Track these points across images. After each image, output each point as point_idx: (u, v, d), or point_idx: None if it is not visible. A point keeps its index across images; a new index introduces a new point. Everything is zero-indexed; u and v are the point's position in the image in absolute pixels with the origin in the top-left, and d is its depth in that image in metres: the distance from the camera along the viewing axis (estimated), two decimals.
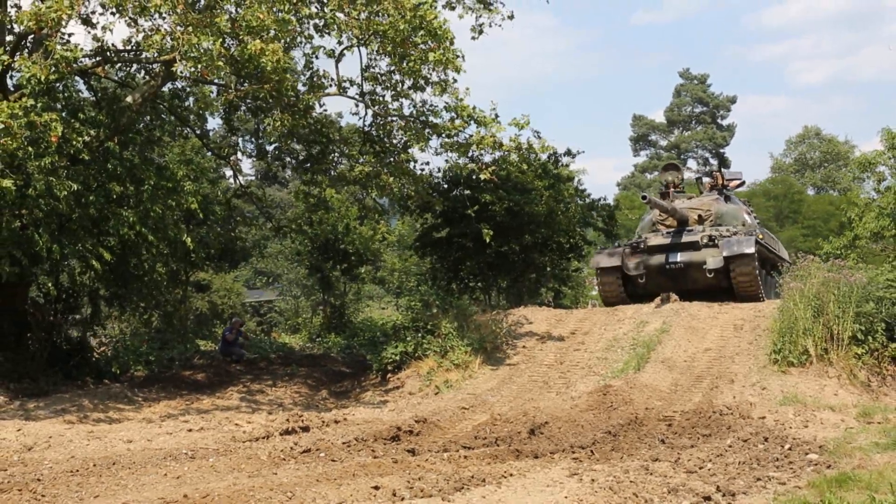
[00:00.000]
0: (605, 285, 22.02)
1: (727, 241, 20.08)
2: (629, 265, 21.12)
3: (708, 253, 20.34)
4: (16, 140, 13.67)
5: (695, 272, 20.49)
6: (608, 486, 8.94)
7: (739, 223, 21.82)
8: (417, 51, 16.47)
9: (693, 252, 20.57)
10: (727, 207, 22.15)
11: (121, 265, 18.31)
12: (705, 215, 21.65)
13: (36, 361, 17.62)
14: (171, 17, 14.48)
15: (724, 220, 21.73)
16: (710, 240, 20.41)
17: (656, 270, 20.94)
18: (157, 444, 12.61)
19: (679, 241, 20.83)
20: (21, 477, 10.32)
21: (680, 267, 20.60)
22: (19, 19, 14.96)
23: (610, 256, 21.48)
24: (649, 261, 21.00)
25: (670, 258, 20.69)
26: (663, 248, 20.99)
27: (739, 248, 19.77)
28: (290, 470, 10.65)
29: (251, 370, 21.29)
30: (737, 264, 19.91)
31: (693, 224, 21.47)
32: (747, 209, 23.11)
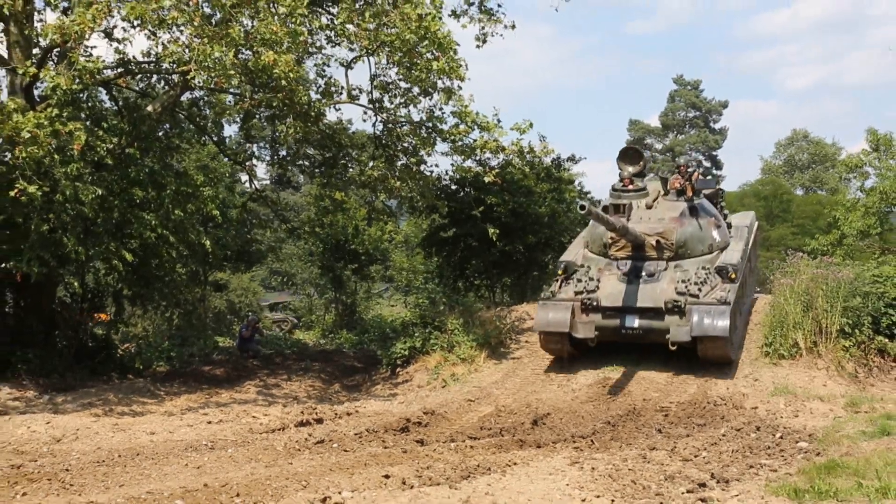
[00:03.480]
0: (548, 344, 17.22)
1: (696, 311, 15.55)
2: (578, 327, 16.48)
3: (672, 321, 15.86)
4: (42, 148, 13.70)
5: (655, 337, 16.08)
6: (608, 474, 8.96)
7: (706, 245, 17.18)
8: (423, 60, 16.50)
9: (654, 319, 16.07)
10: (692, 229, 17.12)
11: (143, 266, 18.33)
12: (665, 243, 16.87)
13: (63, 358, 17.64)
14: (189, 29, 14.50)
15: (688, 246, 16.99)
16: (675, 304, 15.86)
17: (610, 333, 16.43)
18: (178, 435, 12.64)
19: (637, 306, 16.21)
20: (50, 467, 10.35)
21: (638, 333, 16.25)
22: (45, 33, 15.00)
23: (556, 313, 16.61)
24: (602, 323, 16.42)
25: (626, 322, 16.23)
26: (619, 310, 16.36)
27: (712, 325, 15.38)
28: (305, 460, 10.68)
29: (267, 365, 21.34)
30: (706, 343, 15.61)
31: (649, 250, 16.85)
32: (716, 218, 18.12)
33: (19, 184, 14.04)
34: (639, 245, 16.91)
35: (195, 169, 22.18)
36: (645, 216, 17.46)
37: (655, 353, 16.64)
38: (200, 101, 21.37)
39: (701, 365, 15.94)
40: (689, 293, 15.94)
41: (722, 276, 16.37)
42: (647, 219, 17.36)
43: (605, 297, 16.45)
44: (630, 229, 16.52)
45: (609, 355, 17.04)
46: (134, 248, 17.07)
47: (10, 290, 18.00)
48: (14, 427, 12.85)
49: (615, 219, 16.17)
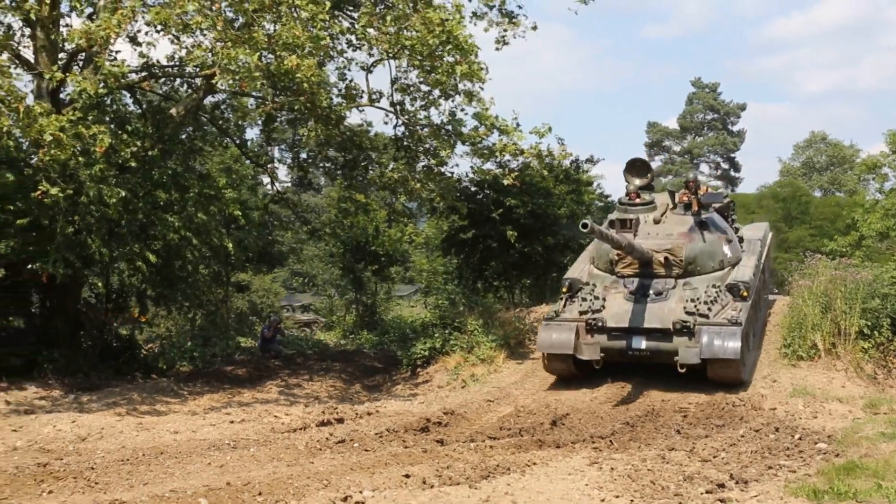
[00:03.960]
0: (552, 366, 16.27)
1: (706, 332, 14.57)
2: (583, 348, 15.52)
3: (681, 342, 14.87)
4: (66, 151, 13.80)
5: (663, 358, 15.11)
6: (627, 474, 8.95)
7: (717, 261, 16.21)
8: (444, 63, 16.51)
9: (662, 338, 15.10)
10: (701, 245, 16.10)
11: (166, 267, 18.42)
12: (674, 260, 15.85)
13: (89, 358, 17.73)
14: (212, 33, 14.57)
15: (697, 262, 15.99)
16: (683, 325, 14.86)
17: (616, 354, 15.55)
18: (201, 434, 12.68)
19: (644, 326, 15.25)
20: (76, 465, 10.42)
21: (645, 354, 15.31)
22: (71, 37, 15.09)
23: (560, 334, 15.64)
24: (607, 344, 15.48)
25: (633, 343, 15.28)
26: (625, 330, 15.39)
27: (723, 347, 14.40)
28: (326, 459, 10.71)
29: (289, 365, 21.40)
30: (716, 365, 14.67)
31: (657, 267, 15.83)
32: (727, 233, 17.06)
33: (42, 185, 14.15)
34: (646, 262, 15.87)
35: (218, 171, 22.27)
36: (653, 231, 16.45)
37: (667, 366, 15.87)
38: (223, 104, 21.46)
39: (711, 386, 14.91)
40: (698, 313, 14.98)
41: (733, 295, 15.50)
42: (655, 234, 16.36)
43: (610, 318, 15.49)
44: (637, 246, 15.46)
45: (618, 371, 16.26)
46: (157, 249, 17.16)
47: (36, 290, 18.11)
48: (40, 426, 12.94)
49: (620, 236, 15.34)
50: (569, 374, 16.12)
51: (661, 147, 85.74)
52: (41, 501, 8.77)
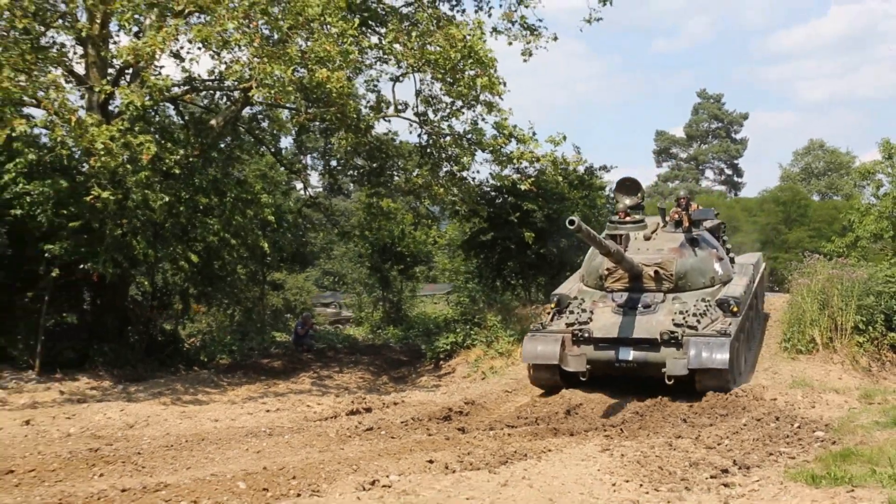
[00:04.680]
0: (539, 377, 15.02)
1: (694, 343, 13.41)
2: (568, 360, 14.31)
3: (669, 353, 13.68)
4: (114, 159, 13.90)
5: (651, 370, 13.89)
6: (636, 460, 8.93)
7: (708, 278, 15.11)
8: (466, 76, 16.52)
9: (650, 351, 13.95)
10: (692, 261, 15.07)
11: (207, 267, 18.50)
12: (664, 274, 14.78)
13: (136, 351, 17.84)
14: (249, 49, 14.63)
15: (688, 278, 14.93)
16: (671, 336, 13.71)
17: (603, 366, 14.32)
18: (239, 422, 12.75)
19: (632, 337, 14.11)
20: (124, 451, 10.49)
21: (632, 366, 14.11)
22: (119, 54, 15.21)
23: (545, 346, 14.45)
24: (594, 355, 14.28)
25: (620, 355, 14.09)
26: (612, 341, 14.22)
27: (711, 357, 13.23)
28: (355, 446, 10.73)
29: (320, 358, 21.44)
30: (705, 376, 13.44)
31: (647, 281, 14.78)
32: (718, 250, 16.04)
33: (94, 190, 14.26)
34: (636, 276, 14.81)
35: (254, 177, 22.35)
36: (643, 247, 15.40)
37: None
38: (259, 115, 21.54)
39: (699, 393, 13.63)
40: (686, 325, 13.86)
41: (723, 310, 14.37)
42: (646, 249, 15.31)
43: (597, 329, 14.32)
44: (626, 257, 14.45)
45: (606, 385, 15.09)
46: (198, 250, 17.24)
47: (87, 289, 18.22)
48: (92, 414, 13.04)
49: (610, 242, 14.07)
50: (555, 387, 14.81)
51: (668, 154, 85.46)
52: (93, 483, 8.83)
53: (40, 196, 14.97)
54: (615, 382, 14.54)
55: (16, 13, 14.00)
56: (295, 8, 14.05)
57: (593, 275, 15.60)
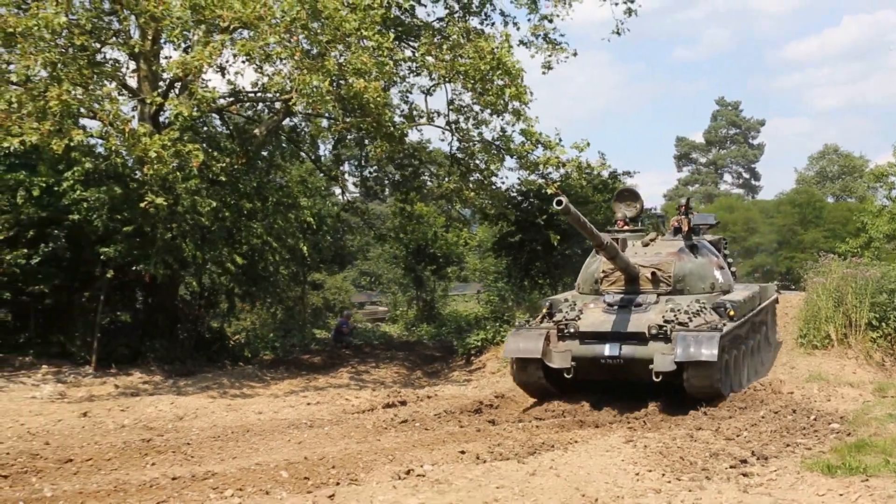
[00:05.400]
0: (521, 375, 13.53)
1: (682, 337, 12.04)
2: (553, 356, 12.98)
3: (656, 348, 12.34)
4: (165, 166, 14.02)
5: (638, 369, 12.47)
6: (658, 451, 8.88)
7: (708, 284, 13.88)
8: (494, 87, 16.50)
9: (637, 345, 12.60)
10: (692, 264, 13.91)
11: (251, 268, 18.61)
12: (662, 276, 13.59)
13: (185, 347, 17.96)
14: (290, 62, 14.69)
15: (687, 281, 13.68)
16: (660, 330, 12.42)
17: (588, 363, 12.83)
18: (282, 415, 12.80)
19: (619, 331, 12.79)
20: (174, 441, 10.58)
21: (619, 362, 12.65)
22: (169, 68, 15.35)
23: (527, 341, 13.12)
24: (579, 351, 12.89)
25: (606, 351, 12.70)
26: (598, 336, 12.86)
27: (697, 350, 11.85)
28: (391, 437, 10.76)
29: (358, 354, 21.49)
30: (692, 371, 12.01)
31: (644, 284, 13.57)
32: (719, 259, 14.93)
33: (148, 196, 14.39)
34: (633, 278, 13.62)
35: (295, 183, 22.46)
36: (641, 251, 14.32)
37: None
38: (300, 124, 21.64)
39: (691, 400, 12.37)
40: (677, 321, 12.51)
41: (719, 314, 13.07)
42: (644, 253, 14.23)
43: (584, 324, 13.06)
44: (621, 254, 13.18)
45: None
46: (243, 252, 17.35)
47: (140, 289, 18.42)
48: (144, 406, 13.15)
49: (603, 234, 12.94)
50: (539, 387, 13.46)
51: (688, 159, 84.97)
52: (145, 472, 8.92)
53: (96, 202, 15.15)
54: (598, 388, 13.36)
55: (74, 31, 14.17)
56: (333, 23, 14.09)
57: (589, 281, 14.48)
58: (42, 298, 16.67)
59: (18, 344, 16.40)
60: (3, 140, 13.35)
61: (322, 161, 23.35)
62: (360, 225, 28.36)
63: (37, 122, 13.55)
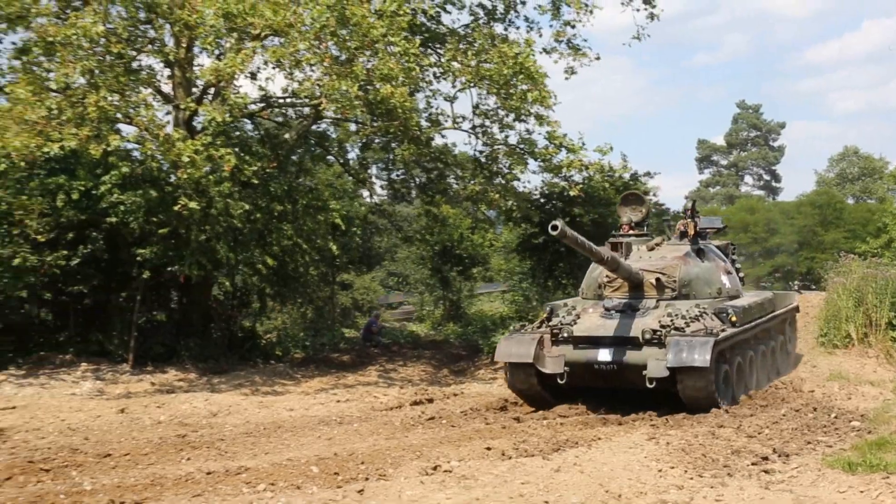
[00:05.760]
0: (515, 380, 12.94)
1: (675, 342, 11.46)
2: (546, 361, 12.38)
3: (651, 354, 11.72)
4: (199, 170, 14.12)
5: (632, 375, 11.88)
6: (681, 448, 8.84)
7: (714, 289, 13.28)
8: (518, 91, 16.47)
9: (631, 351, 11.97)
10: (698, 269, 13.24)
11: (282, 269, 18.66)
12: (667, 281, 12.87)
13: (218, 346, 18.05)
14: (320, 68, 14.75)
15: (693, 286, 12.99)
16: (654, 335, 11.77)
17: (582, 368, 12.24)
18: (312, 412, 12.86)
19: (613, 336, 12.16)
20: (209, 437, 10.67)
21: (612, 368, 12.06)
22: (202, 75, 15.47)
23: (519, 345, 12.59)
24: (573, 356, 12.30)
25: (600, 356, 12.08)
26: (592, 340, 12.26)
27: (690, 356, 11.21)
28: (419, 433, 10.79)
29: (386, 353, 21.52)
30: (686, 377, 11.40)
31: (648, 290, 12.88)
32: (726, 264, 14.28)
33: (182, 200, 14.50)
34: (636, 284, 12.93)
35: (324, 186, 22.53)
36: (645, 255, 13.59)
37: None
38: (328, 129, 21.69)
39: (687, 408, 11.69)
40: (673, 326, 11.91)
41: (721, 320, 12.37)
42: (648, 257, 13.53)
43: (578, 329, 12.47)
44: (623, 264, 12.53)
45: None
46: (274, 253, 17.39)
47: (175, 289, 18.54)
48: (179, 403, 13.27)
49: (603, 248, 12.35)
50: (532, 393, 12.85)
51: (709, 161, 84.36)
52: (181, 466, 8.99)
53: (133, 205, 15.27)
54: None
55: (111, 39, 14.32)
56: (361, 30, 14.14)
57: (592, 286, 13.82)
58: (81, 298, 16.83)
59: (59, 342, 16.58)
60: (44, 145, 13.53)
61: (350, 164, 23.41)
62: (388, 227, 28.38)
63: (76, 127, 13.72)
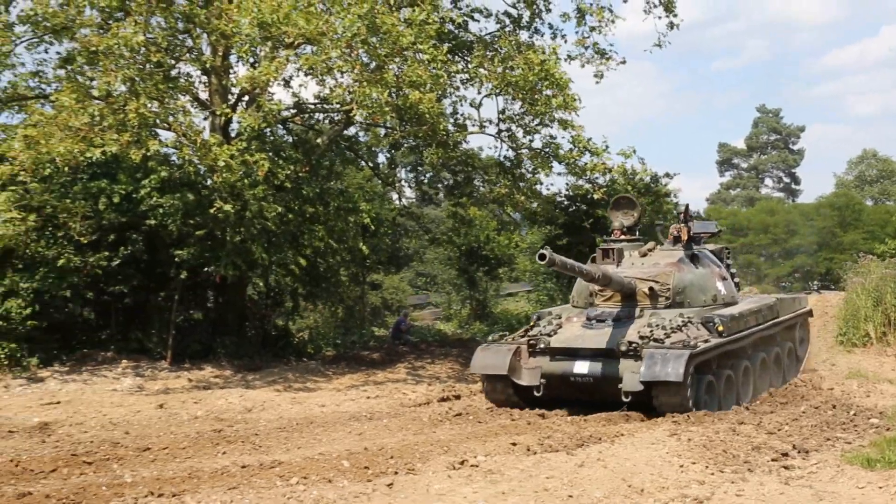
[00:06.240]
0: (489, 392, 12.53)
1: (650, 355, 10.81)
2: (522, 373, 11.90)
3: (627, 366, 11.12)
4: (234, 174, 14.21)
5: (609, 388, 11.27)
6: (702, 444, 8.77)
7: (710, 296, 12.66)
8: (543, 97, 16.43)
9: (608, 363, 11.34)
10: (692, 275, 12.57)
11: (313, 269, 18.71)
12: (661, 289, 12.21)
13: (253, 344, 18.12)
14: (351, 75, 14.79)
15: (687, 294, 12.33)
16: (630, 347, 11.17)
17: (558, 381, 11.68)
18: (343, 408, 12.90)
19: (589, 347, 11.53)
20: (244, 431, 10.73)
21: (588, 381, 11.45)
22: (238, 82, 15.59)
23: (495, 356, 12.06)
24: (549, 367, 11.74)
25: (576, 368, 11.47)
26: (569, 352, 11.67)
27: (663, 369, 10.58)
28: (446, 429, 10.78)
29: (414, 351, 21.52)
30: (660, 392, 10.88)
31: (641, 298, 12.20)
32: (721, 270, 13.51)
33: (218, 203, 14.61)
34: (629, 294, 12.24)
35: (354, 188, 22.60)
36: (637, 262, 12.95)
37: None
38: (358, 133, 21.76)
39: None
40: (652, 337, 11.25)
41: (708, 329, 11.72)
42: (641, 264, 12.87)
43: (557, 339, 11.90)
44: (614, 277, 11.84)
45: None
46: (306, 254, 17.46)
47: (211, 289, 18.64)
48: (215, 399, 13.37)
49: (593, 266, 11.73)
50: (509, 405, 12.20)
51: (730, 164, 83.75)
52: (217, 460, 9.06)
53: (171, 208, 15.39)
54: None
55: (150, 49, 14.45)
56: (391, 38, 14.17)
57: (582, 294, 13.07)
58: (122, 298, 16.97)
59: (101, 340, 16.74)
60: (87, 151, 13.67)
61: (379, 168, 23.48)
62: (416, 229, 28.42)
63: (117, 133, 13.86)
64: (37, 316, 15.06)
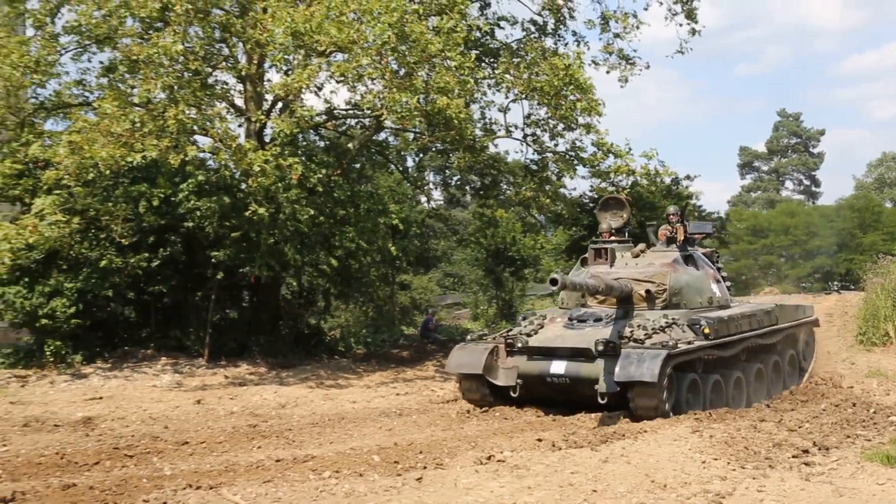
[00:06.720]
0: (465, 392, 12.16)
1: (626, 355, 10.24)
2: (498, 372, 11.55)
3: (604, 368, 10.64)
4: (268, 178, 14.30)
5: (585, 389, 10.80)
6: (723, 441, 8.70)
7: (705, 298, 12.24)
8: (568, 102, 16.39)
9: (584, 364, 10.86)
10: (688, 276, 12.11)
11: (345, 270, 18.77)
12: (657, 291, 11.73)
13: (286, 342, 18.24)
14: (381, 82, 14.83)
15: (683, 295, 11.88)
16: (607, 347, 10.66)
17: (534, 381, 11.29)
18: (373, 404, 12.93)
19: (565, 347, 11.10)
20: (278, 427, 10.79)
21: (564, 382, 11.01)
22: (272, 89, 15.68)
23: (471, 356, 11.68)
24: (525, 367, 11.36)
25: (552, 368, 11.03)
26: (545, 352, 11.25)
27: (638, 370, 10.01)
28: (474, 425, 10.78)
29: (442, 349, 21.52)
30: (635, 393, 10.28)
31: (639, 301, 11.68)
32: (715, 272, 13.11)
33: (252, 206, 14.71)
34: (625, 298, 11.68)
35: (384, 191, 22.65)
36: (631, 263, 12.42)
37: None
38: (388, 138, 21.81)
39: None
40: (632, 338, 10.71)
41: (694, 332, 11.15)
42: (634, 265, 12.32)
43: (535, 339, 11.49)
44: (616, 284, 11.30)
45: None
46: (338, 255, 17.53)
47: (246, 289, 18.78)
48: (250, 395, 13.45)
49: (596, 280, 10.89)
50: (485, 405, 11.81)
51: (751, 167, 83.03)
52: (252, 454, 9.12)
53: (208, 211, 15.53)
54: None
55: (189, 57, 14.58)
56: (420, 45, 14.19)
57: (574, 295, 12.53)
58: (161, 297, 17.13)
59: (141, 338, 16.91)
60: (128, 156, 13.83)
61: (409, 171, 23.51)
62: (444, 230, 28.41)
63: (156, 139, 14.01)
64: (80, 315, 15.24)
